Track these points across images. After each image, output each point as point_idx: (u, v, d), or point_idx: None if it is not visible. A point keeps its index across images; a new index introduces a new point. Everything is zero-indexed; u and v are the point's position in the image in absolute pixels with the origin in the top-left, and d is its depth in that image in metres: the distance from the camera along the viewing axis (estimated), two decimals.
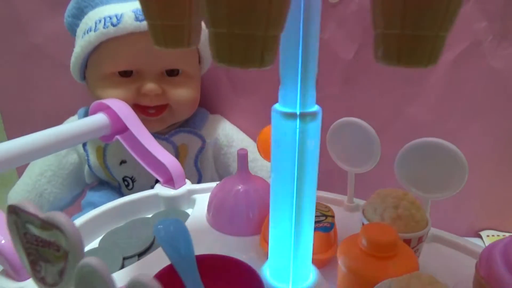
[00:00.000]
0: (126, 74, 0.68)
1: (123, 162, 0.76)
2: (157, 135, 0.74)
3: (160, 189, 0.59)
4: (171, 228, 0.35)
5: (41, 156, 0.54)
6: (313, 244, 0.43)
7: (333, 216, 0.45)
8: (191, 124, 0.79)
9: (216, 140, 0.80)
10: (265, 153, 0.54)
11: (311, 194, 0.34)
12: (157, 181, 0.62)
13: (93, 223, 0.52)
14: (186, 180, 0.62)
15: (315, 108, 0.31)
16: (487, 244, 0.80)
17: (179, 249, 0.34)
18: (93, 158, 0.77)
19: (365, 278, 0.33)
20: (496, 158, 0.81)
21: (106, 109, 0.63)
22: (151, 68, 0.68)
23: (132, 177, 0.76)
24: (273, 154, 0.33)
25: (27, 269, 0.27)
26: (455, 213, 0.82)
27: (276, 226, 0.35)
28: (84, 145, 0.77)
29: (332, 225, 0.44)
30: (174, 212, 0.57)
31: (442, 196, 0.45)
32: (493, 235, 0.91)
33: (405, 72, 0.75)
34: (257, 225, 0.49)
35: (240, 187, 0.51)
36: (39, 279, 0.26)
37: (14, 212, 0.26)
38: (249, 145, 0.81)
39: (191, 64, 0.73)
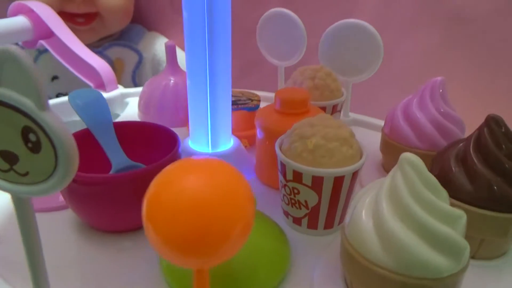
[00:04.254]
0: None
1: (55, 78, 0.73)
2: (90, 48, 0.71)
3: None
4: (87, 97, 0.35)
5: None
6: (238, 122, 0.45)
7: (258, 100, 0.46)
8: (126, 38, 0.77)
9: (154, 56, 0.78)
10: None
11: (225, 57, 0.34)
12: None
13: None
14: (119, 85, 0.60)
15: None
16: None
17: (96, 115, 0.34)
18: None
19: (278, 133, 0.35)
20: (425, 72, 0.86)
21: (28, 12, 0.59)
22: None
23: (66, 93, 0.74)
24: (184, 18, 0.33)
25: None
26: None
27: (193, 90, 0.36)
28: None
29: (257, 106, 0.45)
30: None
31: (361, 78, 0.47)
32: None
33: None
34: (186, 117, 0.49)
35: (169, 80, 0.50)
36: None
37: None
38: None
39: None
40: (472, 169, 0.27)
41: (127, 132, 0.35)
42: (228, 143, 0.38)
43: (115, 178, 0.29)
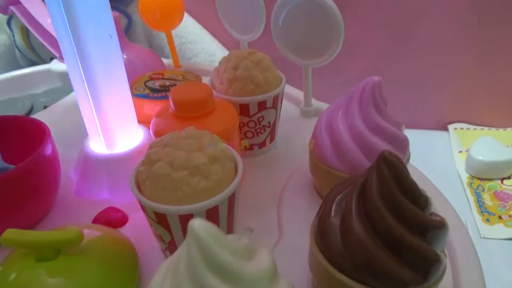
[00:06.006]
0: None
1: None
2: None
3: (55, 64, 0.56)
4: None
5: None
6: None
7: None
8: (116, 0, 0.72)
9: None
10: (148, 20, 0.48)
11: (99, 34, 0.29)
12: None
13: None
14: None
15: None
16: (452, 138, 0.73)
17: None
18: (18, 39, 0.73)
19: None
20: (466, 39, 0.71)
21: None
22: None
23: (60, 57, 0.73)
24: None
25: None
26: (424, 106, 0.76)
27: (71, 75, 0.31)
28: (9, 24, 0.73)
29: None
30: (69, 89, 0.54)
31: (320, 61, 0.39)
32: (461, 128, 0.85)
33: None
34: None
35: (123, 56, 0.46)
36: None
37: None
38: (187, 25, 0.74)
39: None
40: (347, 222, 0.20)
41: (7, 128, 0.32)
42: (132, 140, 0.34)
43: None
